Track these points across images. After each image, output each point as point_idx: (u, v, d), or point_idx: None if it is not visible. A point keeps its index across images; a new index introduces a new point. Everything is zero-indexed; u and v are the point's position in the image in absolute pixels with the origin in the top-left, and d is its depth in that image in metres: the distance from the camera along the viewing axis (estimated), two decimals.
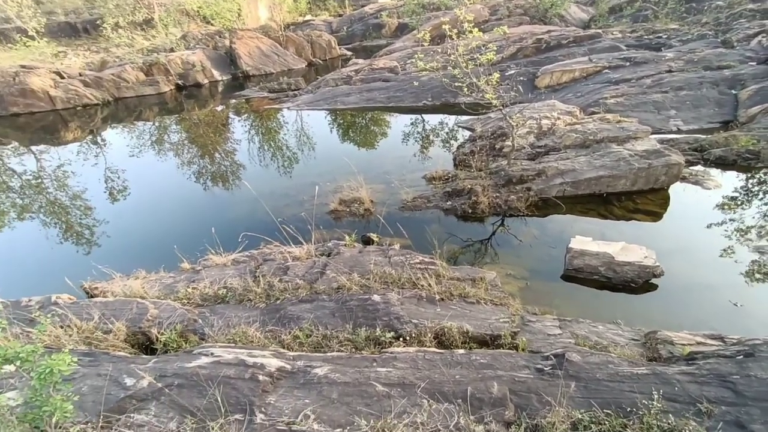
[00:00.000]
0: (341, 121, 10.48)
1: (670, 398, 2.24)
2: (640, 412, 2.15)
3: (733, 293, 3.73)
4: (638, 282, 3.84)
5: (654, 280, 3.84)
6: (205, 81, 15.27)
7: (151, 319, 3.31)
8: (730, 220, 4.81)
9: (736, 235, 4.52)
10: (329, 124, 10.46)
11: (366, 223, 5.28)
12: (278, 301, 3.40)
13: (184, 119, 12.17)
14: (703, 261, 4.26)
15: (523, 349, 2.87)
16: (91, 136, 10.94)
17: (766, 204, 5.09)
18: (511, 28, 12.12)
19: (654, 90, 7.81)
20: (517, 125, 5.78)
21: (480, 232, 5.00)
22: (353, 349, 2.88)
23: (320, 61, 18.02)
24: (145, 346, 3.19)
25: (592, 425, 2.13)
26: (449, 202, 5.43)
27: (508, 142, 5.94)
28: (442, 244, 3.97)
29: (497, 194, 5.31)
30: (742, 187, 5.45)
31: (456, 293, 3.42)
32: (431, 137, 8.62)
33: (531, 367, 2.55)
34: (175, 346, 3.04)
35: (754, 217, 4.81)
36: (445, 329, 2.98)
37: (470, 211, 5.19)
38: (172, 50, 16.06)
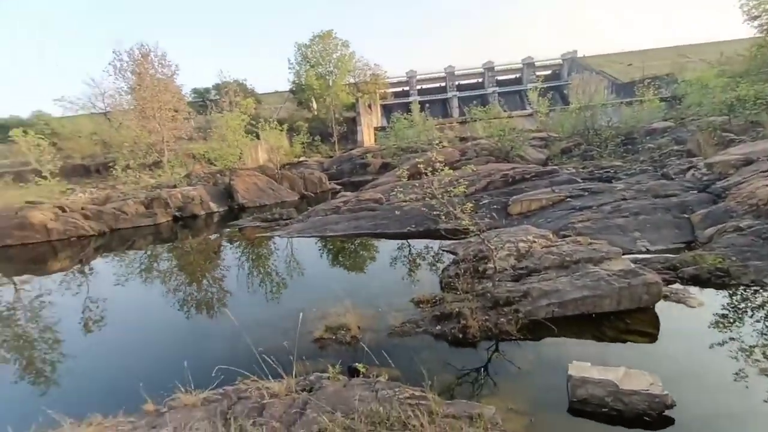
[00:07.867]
0: (330, 248, 10.81)
1: None
2: None
3: (759, 425, 3.38)
4: (652, 415, 3.49)
5: (667, 412, 3.50)
6: (202, 212, 16.20)
7: None
8: (731, 339, 4.64)
9: (742, 357, 4.31)
10: (318, 250, 10.76)
11: (353, 351, 4.95)
12: None
13: (176, 248, 12.41)
14: (714, 387, 3.96)
15: None
16: (78, 266, 10.87)
17: (758, 322, 5.04)
18: (479, 166, 13.90)
19: (615, 215, 8.58)
20: (496, 248, 6.06)
21: (474, 359, 4.69)
22: None
23: (311, 195, 19.67)
24: None
25: None
26: (438, 327, 5.25)
27: (491, 264, 6.13)
28: (433, 375, 3.67)
29: (486, 317, 5.20)
30: (728, 304, 5.46)
31: None
32: (417, 261, 8.84)
33: None
34: None
35: (752, 336, 4.69)
36: None
37: (461, 335, 4.98)
38: (174, 186, 17.47)
